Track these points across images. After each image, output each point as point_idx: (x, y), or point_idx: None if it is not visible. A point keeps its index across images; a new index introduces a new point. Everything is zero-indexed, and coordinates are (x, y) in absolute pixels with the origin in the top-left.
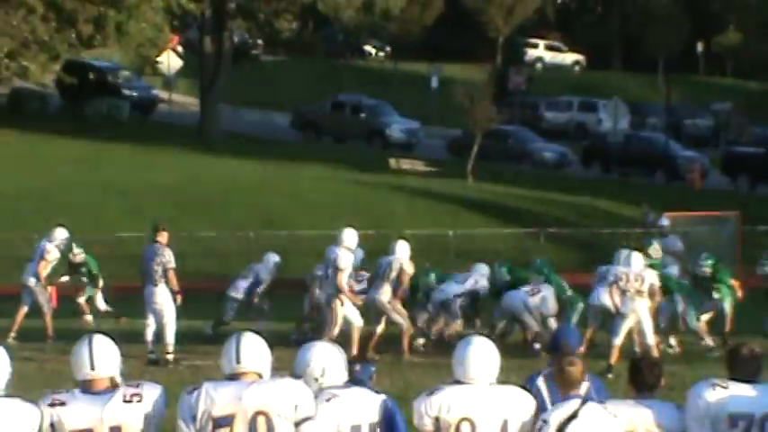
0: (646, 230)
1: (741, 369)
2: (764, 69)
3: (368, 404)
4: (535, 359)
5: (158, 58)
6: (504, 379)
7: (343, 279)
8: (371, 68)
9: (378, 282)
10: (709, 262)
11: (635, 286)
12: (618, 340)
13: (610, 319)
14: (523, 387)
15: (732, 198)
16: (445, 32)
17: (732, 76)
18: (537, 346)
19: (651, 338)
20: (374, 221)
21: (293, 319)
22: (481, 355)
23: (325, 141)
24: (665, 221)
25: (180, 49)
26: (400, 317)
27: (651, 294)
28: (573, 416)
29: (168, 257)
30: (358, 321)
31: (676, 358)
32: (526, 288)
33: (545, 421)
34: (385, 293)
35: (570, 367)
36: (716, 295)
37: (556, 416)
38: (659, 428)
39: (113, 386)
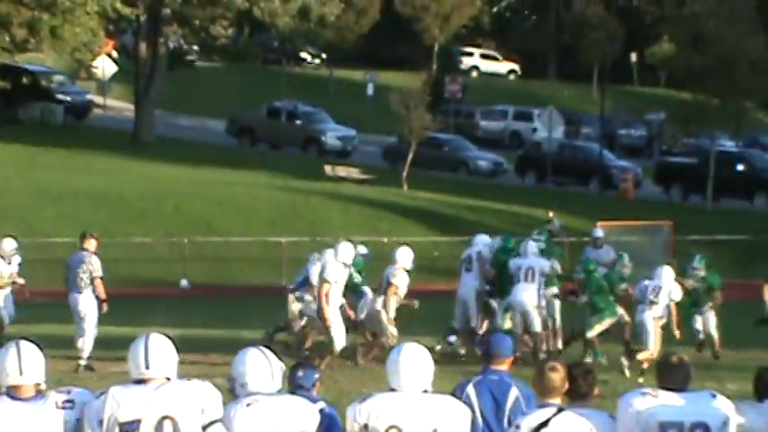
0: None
1: (671, 378)
2: (697, 80)
3: (298, 412)
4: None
5: (93, 63)
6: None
7: (324, 290)
8: (307, 75)
9: (380, 291)
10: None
11: (650, 297)
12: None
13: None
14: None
15: (665, 208)
16: (381, 40)
17: (665, 86)
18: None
19: (651, 347)
20: (309, 228)
21: (230, 325)
22: (412, 362)
23: (260, 148)
24: (599, 232)
25: (115, 54)
26: (387, 331)
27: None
28: (544, 423)
29: (95, 266)
30: (340, 342)
31: (609, 367)
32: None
33: (517, 426)
34: (380, 303)
35: (552, 373)
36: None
37: (527, 422)
38: None
39: (38, 393)
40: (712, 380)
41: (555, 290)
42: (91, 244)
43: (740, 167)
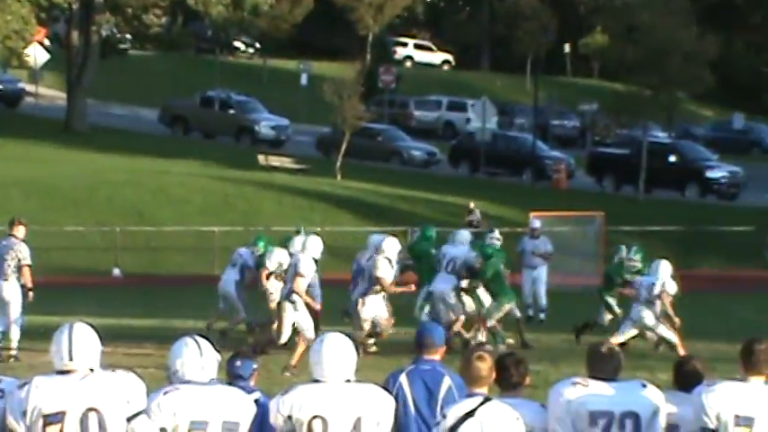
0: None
1: (601, 368)
2: (630, 71)
3: (230, 401)
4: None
5: (25, 51)
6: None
7: (302, 285)
8: (241, 65)
9: (358, 282)
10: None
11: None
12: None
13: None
14: (384, 386)
15: (597, 198)
16: (315, 30)
17: (598, 77)
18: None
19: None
20: (242, 218)
21: (162, 315)
22: (335, 352)
23: (193, 137)
24: (536, 223)
25: (47, 42)
26: (365, 324)
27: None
28: (470, 413)
29: (24, 253)
30: (310, 333)
31: (540, 356)
32: None
33: (444, 416)
34: (359, 292)
35: (479, 362)
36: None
37: (454, 411)
38: (524, 426)
39: None
40: (643, 369)
41: (464, 283)
42: (19, 231)
43: (672, 158)
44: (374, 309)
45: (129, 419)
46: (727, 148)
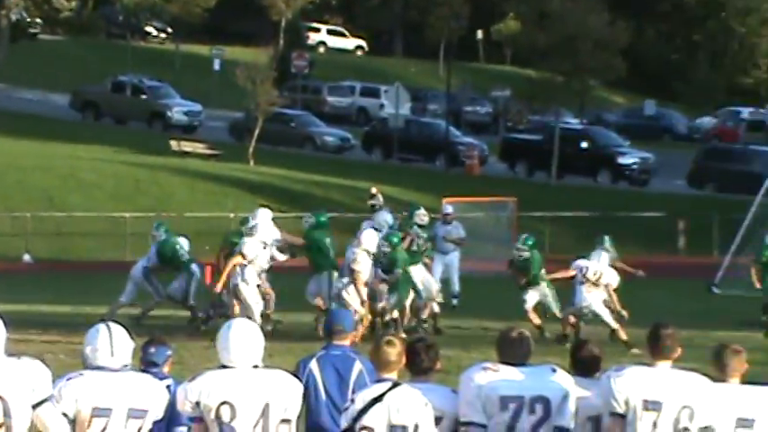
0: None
1: (511, 353)
2: (542, 57)
3: (140, 388)
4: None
5: None
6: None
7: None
8: (153, 50)
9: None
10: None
11: (591, 278)
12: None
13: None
14: (293, 373)
15: (510, 184)
16: (228, 14)
17: (511, 64)
18: None
19: (613, 323)
20: (154, 204)
21: (74, 301)
22: (242, 338)
23: (104, 122)
24: (449, 209)
25: None
26: (352, 307)
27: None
28: (378, 398)
29: None
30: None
31: (452, 342)
32: None
33: (352, 401)
34: (343, 285)
35: (387, 347)
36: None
37: (362, 396)
38: (434, 411)
39: None
40: (555, 355)
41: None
42: None
43: (584, 145)
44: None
45: (34, 407)
46: (639, 135)
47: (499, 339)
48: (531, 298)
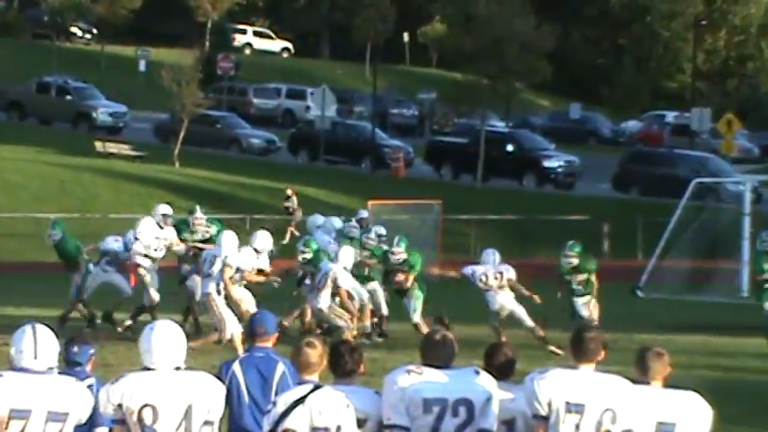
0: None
1: (434, 355)
2: (468, 60)
3: (55, 391)
4: None
5: None
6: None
7: (227, 275)
8: (78, 50)
9: (315, 290)
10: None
11: (495, 283)
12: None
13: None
14: (216, 375)
15: (436, 187)
16: (153, 15)
17: (437, 66)
18: None
19: (529, 322)
20: (79, 205)
21: None
22: (164, 340)
23: (29, 123)
24: (364, 213)
25: None
26: (341, 319)
27: (511, 287)
28: (300, 400)
29: None
30: (237, 328)
31: (378, 344)
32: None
33: (274, 403)
34: (323, 301)
35: (308, 349)
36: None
37: (284, 399)
38: (358, 413)
39: None
40: (478, 358)
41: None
42: None
43: (509, 148)
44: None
45: None
46: (564, 138)
47: (423, 342)
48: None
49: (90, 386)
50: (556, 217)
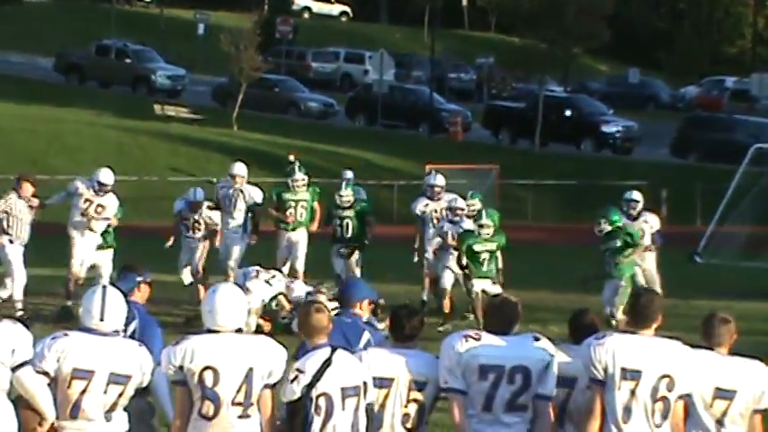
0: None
1: (494, 321)
2: (526, 25)
3: (118, 353)
4: None
5: None
6: None
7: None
8: (138, 13)
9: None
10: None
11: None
12: None
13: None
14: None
15: (493, 151)
16: None
17: (495, 30)
18: None
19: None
20: (137, 167)
21: (54, 264)
22: (227, 302)
23: (89, 86)
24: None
25: None
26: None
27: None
28: (327, 363)
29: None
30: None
31: (434, 310)
32: None
33: (300, 370)
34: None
35: (317, 313)
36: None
37: (310, 364)
38: (419, 376)
39: None
40: (536, 322)
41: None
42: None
43: (568, 113)
44: None
45: (13, 369)
46: (623, 103)
47: (486, 307)
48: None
49: (133, 332)
50: (614, 182)
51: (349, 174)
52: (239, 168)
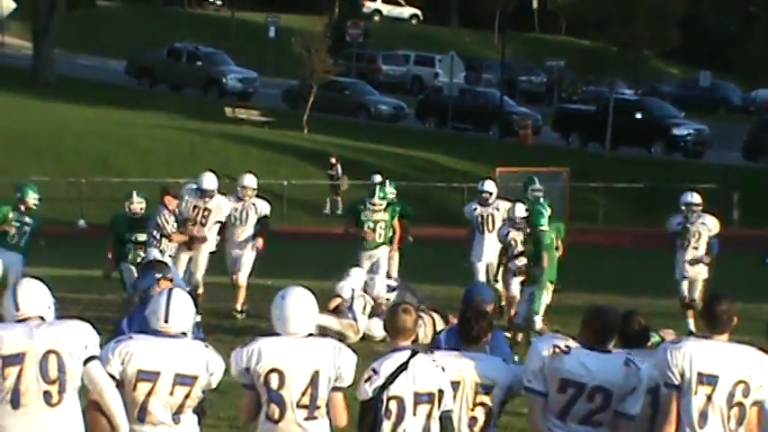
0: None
1: (590, 333)
2: (597, 28)
3: (183, 354)
4: None
5: None
6: None
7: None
8: (209, 17)
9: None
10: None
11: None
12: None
13: None
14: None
15: (563, 154)
16: None
17: (566, 34)
18: None
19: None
20: (208, 170)
21: None
22: (298, 308)
23: (160, 89)
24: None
25: None
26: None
27: None
28: (403, 367)
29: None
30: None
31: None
32: None
33: (375, 371)
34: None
35: (404, 315)
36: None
37: (386, 366)
38: (485, 380)
39: None
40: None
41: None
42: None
43: (638, 115)
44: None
45: (84, 362)
46: (694, 106)
47: (584, 318)
48: None
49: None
50: (685, 185)
51: (378, 178)
52: (250, 180)
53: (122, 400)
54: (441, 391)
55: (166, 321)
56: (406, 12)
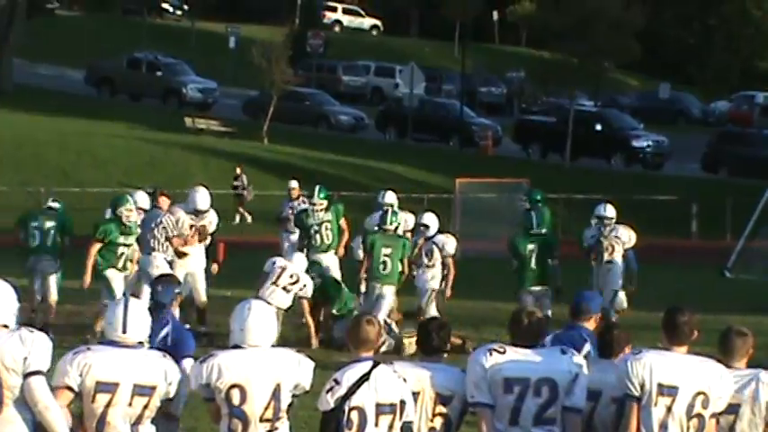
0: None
1: (520, 334)
2: (557, 39)
3: (142, 364)
4: None
5: None
6: None
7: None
8: (169, 26)
9: None
10: None
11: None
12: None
13: None
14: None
15: (523, 165)
16: None
17: (526, 45)
18: None
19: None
20: (168, 180)
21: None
22: (257, 319)
23: (119, 99)
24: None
25: None
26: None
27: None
28: (365, 377)
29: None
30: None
31: (465, 323)
32: None
33: (337, 381)
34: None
35: (367, 326)
36: None
37: (348, 376)
38: (444, 390)
39: None
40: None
41: None
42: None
43: (598, 127)
44: None
45: (25, 376)
46: (653, 118)
47: (510, 321)
48: None
49: (165, 336)
50: (644, 197)
51: (294, 183)
52: (203, 202)
53: (81, 412)
54: (403, 402)
55: (124, 332)
56: (367, 23)
